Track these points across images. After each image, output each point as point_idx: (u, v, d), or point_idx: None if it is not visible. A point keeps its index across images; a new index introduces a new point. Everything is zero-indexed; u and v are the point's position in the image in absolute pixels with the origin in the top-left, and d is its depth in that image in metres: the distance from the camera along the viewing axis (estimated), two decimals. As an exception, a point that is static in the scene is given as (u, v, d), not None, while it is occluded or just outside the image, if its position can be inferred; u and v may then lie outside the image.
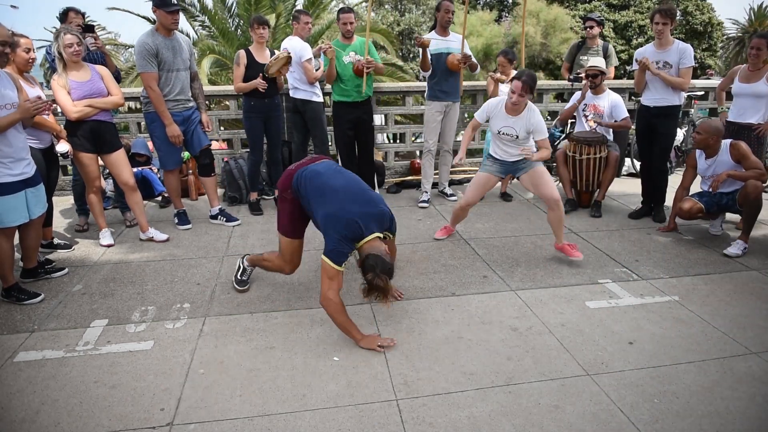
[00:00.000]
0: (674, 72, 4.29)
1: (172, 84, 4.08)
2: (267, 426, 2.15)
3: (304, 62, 4.83)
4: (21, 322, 2.97)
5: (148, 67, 3.95)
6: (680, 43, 4.31)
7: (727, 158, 3.89)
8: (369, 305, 3.14)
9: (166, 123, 4.06)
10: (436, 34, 4.95)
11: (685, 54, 4.25)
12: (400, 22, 22.62)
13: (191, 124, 4.28)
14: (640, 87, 4.53)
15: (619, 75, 18.64)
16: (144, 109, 4.20)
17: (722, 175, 3.83)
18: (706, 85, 6.79)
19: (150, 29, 4.07)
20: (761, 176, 3.77)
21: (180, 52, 4.10)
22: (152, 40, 3.96)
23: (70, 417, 2.20)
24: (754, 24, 24.20)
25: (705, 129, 3.87)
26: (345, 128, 5.02)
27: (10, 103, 2.94)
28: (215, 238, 4.26)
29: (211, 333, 2.84)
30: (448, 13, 4.89)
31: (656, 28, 4.28)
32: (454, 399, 2.30)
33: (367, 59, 4.74)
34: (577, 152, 4.78)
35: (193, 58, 4.34)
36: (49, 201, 3.63)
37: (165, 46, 4.00)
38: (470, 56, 4.81)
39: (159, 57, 3.98)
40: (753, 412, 2.19)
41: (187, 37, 11.63)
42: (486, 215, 4.82)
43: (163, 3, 3.90)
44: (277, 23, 10.09)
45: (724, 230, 4.30)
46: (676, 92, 4.36)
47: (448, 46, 4.88)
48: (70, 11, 4.20)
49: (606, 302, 3.16)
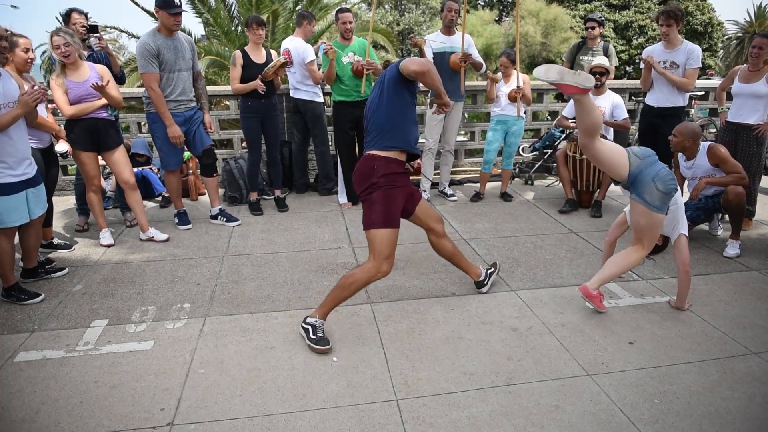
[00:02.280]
0: (681, 72, 4.29)
1: (173, 84, 4.08)
2: (267, 426, 2.15)
3: (307, 65, 4.86)
4: (21, 322, 2.97)
5: (149, 67, 3.94)
6: (689, 43, 4.32)
7: (705, 162, 3.80)
8: (369, 305, 3.14)
9: (167, 124, 4.06)
10: (441, 33, 4.96)
11: (692, 55, 4.26)
12: (400, 22, 22.64)
13: (193, 124, 4.27)
14: (646, 86, 4.53)
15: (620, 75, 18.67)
16: (146, 109, 4.20)
17: (701, 183, 3.76)
18: (706, 85, 6.79)
19: (151, 30, 4.06)
20: (741, 180, 3.69)
21: (182, 52, 4.09)
22: (153, 41, 3.95)
23: (70, 417, 2.20)
24: (755, 24, 24.20)
25: (681, 132, 3.73)
26: (346, 128, 5.03)
27: (12, 101, 2.94)
28: (215, 238, 4.26)
29: (211, 333, 2.84)
30: (451, 12, 4.89)
31: (662, 30, 4.30)
32: (454, 399, 2.30)
33: (368, 60, 4.74)
34: (578, 152, 4.79)
35: (195, 58, 4.33)
36: (49, 201, 3.63)
37: (166, 46, 4.00)
38: (471, 55, 4.80)
39: (160, 57, 3.97)
40: (753, 413, 2.20)
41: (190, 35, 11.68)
42: (486, 215, 4.82)
43: (166, 4, 3.89)
44: (276, 23, 10.08)
45: (725, 230, 4.30)
46: (681, 93, 4.36)
47: (452, 46, 4.88)
48: (73, 12, 4.19)
49: (606, 302, 3.15)
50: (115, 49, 19.89)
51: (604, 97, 4.91)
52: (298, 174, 5.56)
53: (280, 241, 4.18)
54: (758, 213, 4.62)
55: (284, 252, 3.96)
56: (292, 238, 4.26)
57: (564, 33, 18.85)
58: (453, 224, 4.56)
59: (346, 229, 4.45)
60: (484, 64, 5.07)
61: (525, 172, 6.10)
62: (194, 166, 5.51)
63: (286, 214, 4.89)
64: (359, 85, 4.85)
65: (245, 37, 10.67)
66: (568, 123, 5.07)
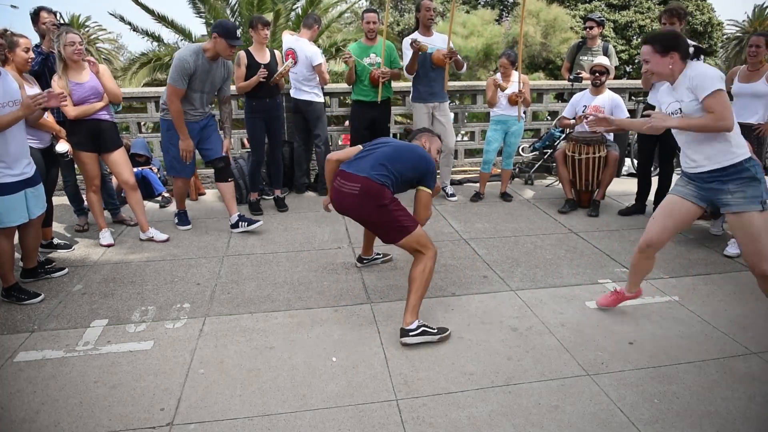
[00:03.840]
0: None
1: (190, 101, 4.01)
2: (267, 426, 2.15)
3: (316, 67, 4.91)
4: (21, 322, 2.97)
5: (179, 82, 3.83)
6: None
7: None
8: (369, 305, 3.14)
9: (181, 137, 4.01)
10: (419, 34, 4.94)
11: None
12: (400, 22, 22.64)
13: (205, 131, 4.22)
14: (647, 85, 4.53)
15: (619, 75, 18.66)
16: (162, 115, 4.12)
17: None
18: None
19: (197, 47, 3.92)
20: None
21: (214, 78, 4.03)
22: (194, 61, 3.83)
23: (70, 417, 2.20)
24: (754, 24, 24.21)
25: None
26: (361, 127, 5.03)
27: (12, 100, 2.94)
28: (215, 238, 4.26)
29: (211, 333, 2.84)
30: (429, 11, 4.89)
31: (664, 28, 4.29)
32: (454, 399, 2.30)
33: (383, 69, 4.76)
34: (576, 152, 4.79)
35: (228, 83, 4.24)
36: (48, 201, 3.64)
37: (204, 70, 3.91)
38: (455, 51, 4.79)
39: (192, 78, 3.88)
40: (753, 412, 2.19)
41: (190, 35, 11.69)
42: (486, 215, 4.82)
43: (228, 34, 3.80)
44: (277, 23, 10.09)
45: (725, 230, 4.30)
46: None
47: (433, 45, 4.86)
48: (41, 11, 4.02)
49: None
50: (114, 49, 19.84)
51: (604, 97, 4.91)
52: (299, 174, 5.57)
53: (279, 241, 4.18)
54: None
55: (284, 252, 3.96)
56: (291, 238, 4.26)
57: (564, 33, 18.84)
58: (453, 224, 4.56)
59: (346, 229, 4.45)
60: (465, 65, 5.06)
61: (525, 172, 6.10)
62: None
63: (286, 214, 4.89)
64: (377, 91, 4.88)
65: (246, 38, 10.70)
66: (569, 123, 5.07)
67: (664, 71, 2.56)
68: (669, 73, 2.56)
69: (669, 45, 2.52)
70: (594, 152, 4.73)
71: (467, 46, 17.20)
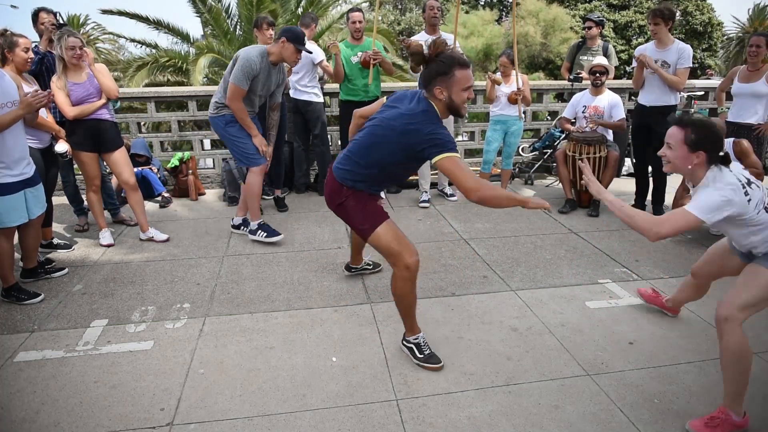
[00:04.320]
0: (671, 72, 4.29)
1: (248, 103, 3.94)
2: (267, 426, 2.15)
3: (317, 64, 4.92)
4: (21, 322, 2.97)
5: (243, 83, 3.75)
6: (680, 43, 4.31)
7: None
8: (369, 305, 3.14)
9: (253, 134, 3.95)
10: (426, 33, 4.95)
11: (683, 54, 4.24)
12: (401, 22, 22.65)
13: None
14: (638, 84, 4.54)
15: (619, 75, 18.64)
16: (215, 112, 3.96)
17: None
18: (706, 86, 6.79)
19: (262, 48, 3.86)
20: (758, 177, 3.76)
21: (270, 83, 4.00)
22: (259, 63, 3.78)
23: (70, 417, 2.20)
24: (754, 24, 24.20)
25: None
26: None
27: (11, 101, 2.94)
28: (215, 238, 4.26)
29: (211, 333, 2.84)
30: (433, 11, 4.90)
31: (651, 30, 4.31)
32: (454, 399, 2.30)
33: (374, 50, 4.76)
34: (577, 152, 4.79)
35: (280, 90, 4.20)
36: (48, 201, 3.64)
37: (264, 73, 3.87)
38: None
39: (255, 79, 3.83)
40: (753, 412, 2.19)
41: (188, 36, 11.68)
42: (486, 215, 4.82)
43: (298, 40, 3.76)
44: (276, 23, 10.10)
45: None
46: (673, 92, 4.37)
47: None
48: (41, 11, 4.04)
49: (606, 302, 3.16)
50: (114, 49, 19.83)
51: (603, 97, 4.91)
52: (299, 174, 5.57)
53: (280, 241, 4.18)
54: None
55: (284, 252, 3.96)
56: (291, 238, 4.26)
57: (564, 33, 18.87)
58: (453, 224, 4.56)
59: (346, 229, 4.45)
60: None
61: (525, 172, 6.10)
62: (194, 166, 5.51)
63: (286, 214, 4.89)
64: (366, 85, 4.86)
65: (245, 38, 10.70)
66: (569, 126, 5.07)
67: (682, 167, 2.20)
68: (688, 172, 2.20)
69: (701, 142, 2.12)
70: (594, 152, 4.73)
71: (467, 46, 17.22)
